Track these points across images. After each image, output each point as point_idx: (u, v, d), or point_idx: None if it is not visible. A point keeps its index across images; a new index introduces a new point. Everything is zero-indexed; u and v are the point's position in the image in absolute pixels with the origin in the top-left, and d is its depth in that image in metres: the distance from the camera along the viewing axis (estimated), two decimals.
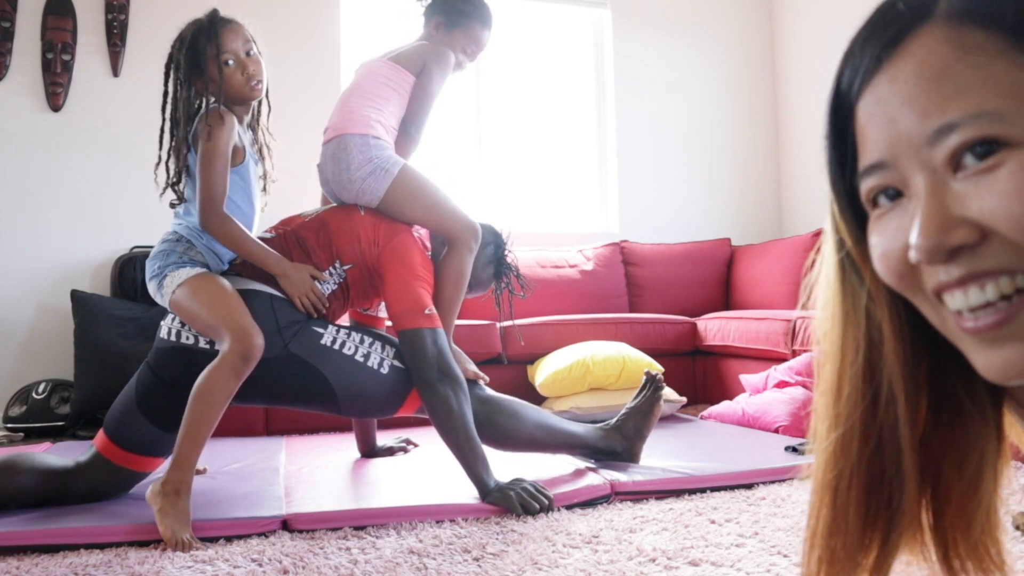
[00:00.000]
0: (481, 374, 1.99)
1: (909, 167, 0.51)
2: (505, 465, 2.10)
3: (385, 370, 1.83)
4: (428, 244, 2.06)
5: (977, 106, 0.47)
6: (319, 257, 1.88)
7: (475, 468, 1.77)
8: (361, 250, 1.89)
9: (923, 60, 0.50)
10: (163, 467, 1.75)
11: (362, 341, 1.84)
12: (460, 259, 1.98)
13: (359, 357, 1.82)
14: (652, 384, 2.11)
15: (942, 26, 0.50)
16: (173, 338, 1.80)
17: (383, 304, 2.11)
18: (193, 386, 1.66)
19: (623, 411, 2.12)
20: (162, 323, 1.84)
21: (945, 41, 0.49)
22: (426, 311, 1.82)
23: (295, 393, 1.80)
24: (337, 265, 1.89)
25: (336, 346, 1.81)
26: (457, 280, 1.97)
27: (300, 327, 1.80)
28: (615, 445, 2.06)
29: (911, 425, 0.58)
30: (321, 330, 1.81)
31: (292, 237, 1.90)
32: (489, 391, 1.98)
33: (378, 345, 1.86)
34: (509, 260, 2.15)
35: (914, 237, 0.50)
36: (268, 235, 1.93)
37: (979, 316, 0.49)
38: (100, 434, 1.81)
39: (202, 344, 1.76)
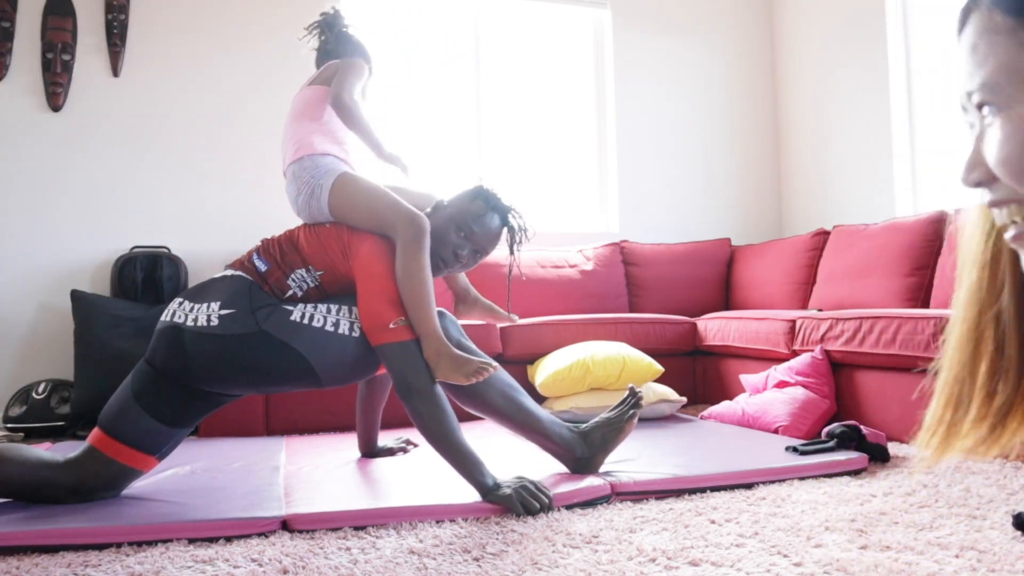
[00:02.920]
0: (493, 365, 1.92)
1: (973, 115, 0.67)
2: (506, 465, 2.10)
3: (356, 333, 1.86)
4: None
5: (985, 77, 0.63)
6: (291, 257, 1.95)
7: (469, 472, 1.77)
8: (331, 261, 1.94)
9: (967, 36, 0.66)
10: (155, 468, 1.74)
11: (329, 311, 1.87)
12: (404, 254, 1.87)
13: (329, 327, 1.84)
14: (633, 400, 2.07)
15: (983, 11, 0.64)
16: (168, 318, 1.84)
17: None
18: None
19: (596, 419, 2.07)
20: (167, 308, 1.89)
21: (980, 23, 0.64)
22: (390, 325, 1.82)
23: (275, 372, 1.81)
24: (311, 268, 1.95)
25: (305, 320, 1.84)
26: (408, 277, 1.85)
27: (272, 308, 1.85)
28: (576, 449, 2.01)
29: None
30: (291, 308, 1.86)
31: (275, 241, 1.99)
32: (471, 345, 2.01)
33: (346, 310, 1.89)
34: (506, 204, 2.08)
35: None
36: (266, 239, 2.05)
37: (1009, 229, 0.66)
38: (95, 430, 1.83)
39: (188, 323, 1.80)
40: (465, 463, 1.77)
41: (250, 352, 1.78)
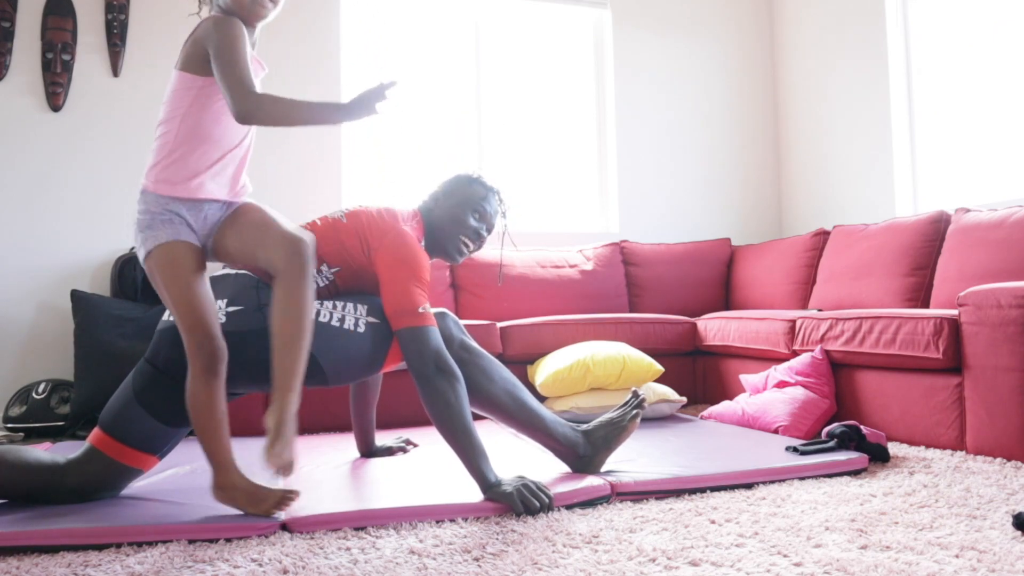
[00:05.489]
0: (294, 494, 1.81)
1: None
2: (506, 464, 2.10)
3: (362, 329, 1.86)
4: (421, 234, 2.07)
5: None
6: None
7: (474, 462, 1.77)
8: (349, 255, 1.93)
9: None
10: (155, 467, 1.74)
11: (335, 306, 1.87)
12: (194, 379, 1.67)
13: (335, 322, 1.84)
14: (636, 401, 2.08)
15: None
16: (169, 317, 1.83)
17: None
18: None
19: (599, 419, 2.07)
20: None
21: None
22: (419, 309, 1.82)
23: None
24: (324, 267, 1.94)
25: (312, 316, 1.83)
26: (198, 406, 1.67)
27: None
28: (580, 448, 2.01)
29: None
30: None
31: None
32: (475, 344, 2.01)
33: (351, 306, 1.89)
34: (492, 183, 2.18)
35: None
36: None
37: None
38: (95, 430, 1.82)
39: None
40: (473, 454, 1.77)
41: (256, 349, 1.77)
